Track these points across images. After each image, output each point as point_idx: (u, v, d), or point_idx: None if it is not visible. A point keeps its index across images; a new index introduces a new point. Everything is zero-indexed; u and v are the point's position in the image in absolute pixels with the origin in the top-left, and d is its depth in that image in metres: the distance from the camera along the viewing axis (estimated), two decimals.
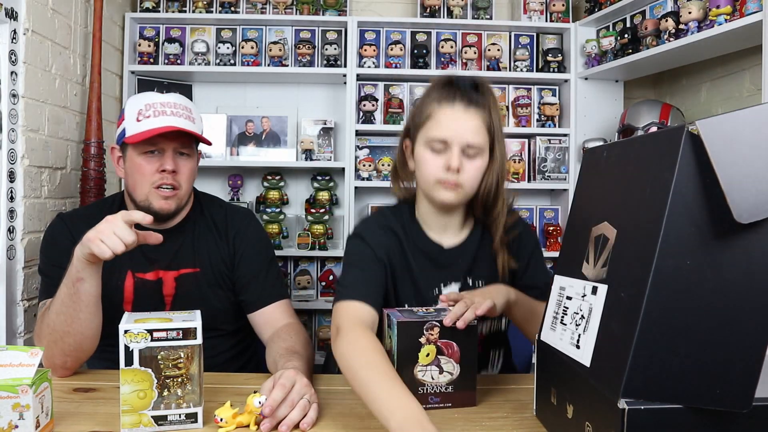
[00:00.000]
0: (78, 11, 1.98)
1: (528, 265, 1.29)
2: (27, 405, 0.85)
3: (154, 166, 1.28)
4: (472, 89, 1.19)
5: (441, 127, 1.16)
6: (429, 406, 1.03)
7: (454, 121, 1.15)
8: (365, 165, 2.57)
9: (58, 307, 1.14)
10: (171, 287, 1.34)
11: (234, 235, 1.40)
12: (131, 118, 1.29)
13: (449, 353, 1.03)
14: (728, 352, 0.68)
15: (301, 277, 2.63)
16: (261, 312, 1.35)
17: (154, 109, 1.28)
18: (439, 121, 1.16)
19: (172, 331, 0.90)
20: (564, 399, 0.84)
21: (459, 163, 1.14)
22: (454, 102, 1.16)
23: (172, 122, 1.27)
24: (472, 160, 1.16)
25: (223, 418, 0.91)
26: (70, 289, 1.12)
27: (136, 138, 1.26)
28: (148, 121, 1.27)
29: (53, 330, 1.14)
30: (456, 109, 1.16)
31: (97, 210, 1.38)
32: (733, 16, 1.80)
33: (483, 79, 1.23)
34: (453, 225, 1.26)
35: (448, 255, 1.26)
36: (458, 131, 1.15)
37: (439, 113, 1.16)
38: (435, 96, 1.19)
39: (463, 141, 1.15)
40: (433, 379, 1.03)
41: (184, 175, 1.32)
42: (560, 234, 2.62)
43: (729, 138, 0.66)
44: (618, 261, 0.76)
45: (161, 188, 1.29)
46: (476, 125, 1.16)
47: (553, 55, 2.60)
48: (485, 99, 1.18)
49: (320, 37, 2.63)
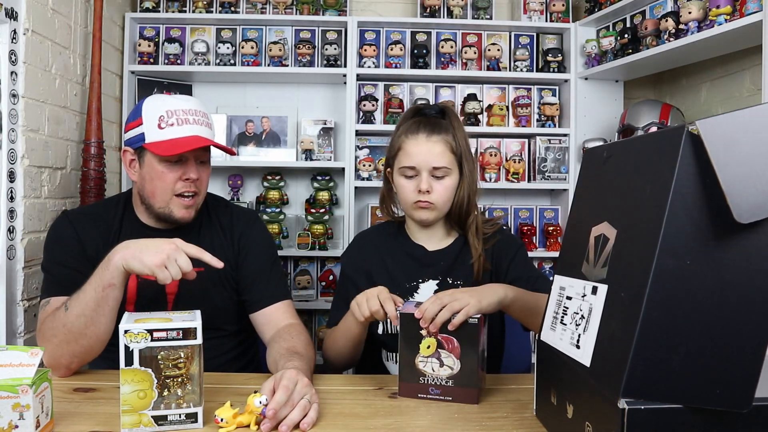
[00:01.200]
0: (78, 11, 1.98)
1: (510, 266, 1.39)
2: (27, 405, 0.85)
3: (177, 174, 1.28)
4: (436, 116, 1.37)
5: (409, 156, 1.33)
6: (429, 396, 1.07)
7: (419, 149, 1.32)
8: (365, 165, 2.57)
9: (79, 310, 1.12)
10: (174, 285, 1.33)
11: (239, 235, 1.41)
12: (151, 124, 1.26)
13: (449, 348, 1.05)
14: (728, 352, 0.68)
15: (301, 277, 2.63)
16: (263, 312, 1.35)
17: (177, 117, 1.26)
18: (407, 152, 1.33)
19: (172, 331, 0.90)
20: (564, 399, 0.84)
21: (428, 185, 1.31)
22: (417, 132, 1.33)
23: (196, 131, 1.27)
24: (441, 180, 1.33)
25: (224, 418, 0.91)
26: (98, 293, 1.11)
27: (165, 150, 1.24)
28: (172, 129, 1.26)
29: (69, 331, 1.13)
30: (420, 139, 1.32)
31: (102, 209, 1.38)
32: (733, 16, 1.80)
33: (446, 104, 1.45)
34: (437, 235, 1.43)
35: (430, 256, 1.41)
36: (424, 158, 1.31)
37: (407, 145, 1.33)
38: (403, 129, 1.36)
39: (429, 166, 1.31)
40: (433, 371, 1.06)
41: (203, 182, 1.34)
42: (560, 234, 2.62)
43: (729, 138, 0.66)
44: (618, 261, 0.76)
45: (183, 196, 1.29)
46: (440, 150, 1.32)
47: (553, 55, 2.60)
48: (448, 124, 1.35)
49: (320, 37, 2.63)
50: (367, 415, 1.01)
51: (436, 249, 1.41)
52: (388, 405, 1.05)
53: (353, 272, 1.43)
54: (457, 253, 1.41)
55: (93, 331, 1.13)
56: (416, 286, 1.38)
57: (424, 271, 1.39)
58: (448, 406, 1.05)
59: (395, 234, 1.46)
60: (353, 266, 1.44)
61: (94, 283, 1.12)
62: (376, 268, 1.42)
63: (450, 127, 1.35)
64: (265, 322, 1.35)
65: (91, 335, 1.13)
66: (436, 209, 1.34)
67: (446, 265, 1.39)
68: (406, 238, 1.44)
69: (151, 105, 1.29)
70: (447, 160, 1.32)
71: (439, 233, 1.42)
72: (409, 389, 1.09)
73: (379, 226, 1.52)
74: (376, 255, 1.43)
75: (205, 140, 1.28)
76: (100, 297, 1.11)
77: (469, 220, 1.38)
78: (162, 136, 1.25)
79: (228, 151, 1.38)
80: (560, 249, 1.00)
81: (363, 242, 1.49)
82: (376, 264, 1.42)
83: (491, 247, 1.40)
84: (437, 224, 1.41)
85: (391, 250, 1.43)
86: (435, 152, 1.31)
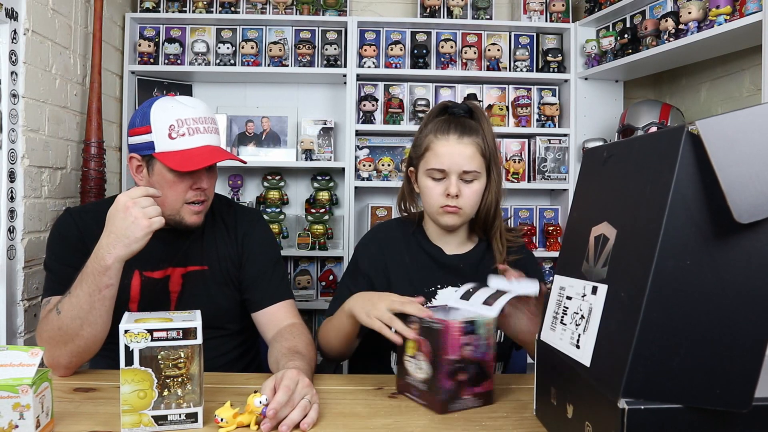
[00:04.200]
0: (78, 11, 1.98)
1: None
2: (27, 405, 0.85)
3: (188, 184, 1.27)
4: (465, 116, 1.30)
5: (438, 159, 1.27)
6: (408, 395, 1.08)
7: (450, 151, 1.26)
8: (365, 165, 2.57)
9: (74, 313, 1.12)
10: (177, 284, 1.34)
11: (243, 234, 1.41)
12: (161, 133, 1.24)
13: (424, 351, 1.03)
14: (728, 352, 0.68)
15: (301, 277, 2.63)
16: (265, 311, 1.36)
17: (188, 126, 1.24)
18: (436, 153, 1.27)
19: (172, 331, 0.90)
20: (564, 399, 0.84)
21: (457, 189, 1.25)
22: (448, 133, 1.27)
23: (207, 141, 1.26)
24: (470, 184, 1.27)
25: (224, 418, 0.91)
26: (94, 295, 1.11)
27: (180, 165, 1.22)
28: (183, 140, 1.24)
29: (65, 333, 1.12)
30: (450, 140, 1.26)
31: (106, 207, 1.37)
32: (733, 16, 1.80)
33: (475, 104, 1.35)
34: (456, 239, 1.38)
35: (449, 259, 1.36)
36: (454, 160, 1.26)
37: (436, 145, 1.27)
38: (431, 128, 1.30)
39: (459, 169, 1.26)
40: (413, 373, 1.06)
41: (212, 188, 1.34)
42: (560, 234, 2.62)
43: (729, 138, 0.66)
44: (618, 261, 0.76)
45: (193, 204, 1.29)
46: (471, 152, 1.26)
47: (553, 55, 2.60)
48: (478, 125, 1.29)
49: (320, 37, 2.63)
50: (366, 415, 1.01)
51: (454, 253, 1.37)
52: (388, 405, 1.05)
53: (369, 265, 1.36)
54: (478, 260, 1.36)
55: (89, 332, 1.13)
56: (434, 292, 1.33)
57: (442, 276, 1.34)
58: None
59: (413, 232, 1.40)
60: (369, 259, 1.37)
61: (87, 286, 1.11)
62: (394, 264, 1.36)
63: (479, 128, 1.28)
64: (266, 322, 1.35)
65: (88, 335, 1.13)
66: (463, 214, 1.29)
67: (468, 272, 1.33)
68: (424, 236, 1.39)
69: (160, 112, 1.25)
70: (477, 163, 1.26)
71: (459, 238, 1.37)
72: (401, 385, 1.10)
73: (398, 220, 1.45)
74: (395, 250, 1.37)
75: (219, 154, 1.26)
76: (96, 299, 1.11)
77: (495, 225, 1.34)
78: (173, 146, 1.24)
79: (240, 161, 1.41)
80: (560, 249, 1.00)
81: (381, 235, 1.41)
82: (394, 259, 1.36)
83: (513, 262, 1.32)
84: (459, 230, 1.36)
85: (410, 247, 1.37)
86: (466, 155, 1.25)
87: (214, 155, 1.25)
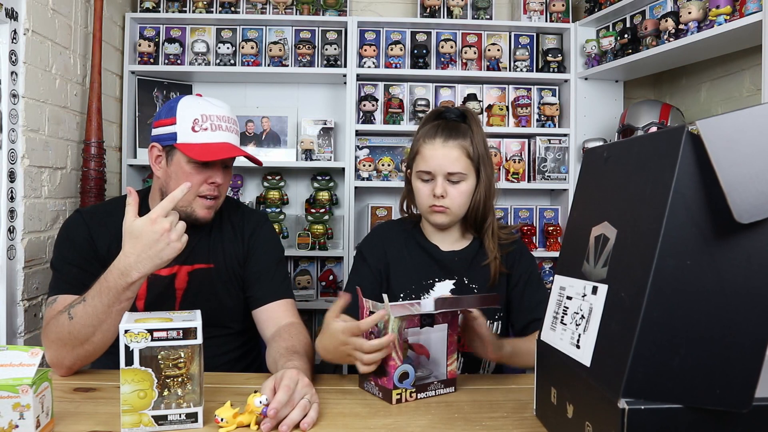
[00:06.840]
0: (78, 11, 1.98)
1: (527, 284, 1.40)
2: (27, 405, 0.85)
3: (203, 177, 1.31)
4: (456, 119, 1.37)
5: (425, 161, 1.34)
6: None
7: (435, 154, 1.33)
8: (365, 165, 2.57)
9: (87, 320, 1.11)
10: (183, 281, 1.36)
11: (249, 234, 1.44)
12: (185, 125, 1.29)
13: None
14: (728, 352, 0.68)
15: (301, 277, 2.63)
16: (265, 308, 1.37)
17: (211, 122, 1.31)
18: (423, 156, 1.35)
19: (172, 331, 0.90)
20: (564, 399, 0.84)
21: (443, 190, 1.32)
22: (435, 137, 1.34)
23: (227, 138, 1.32)
24: (457, 185, 1.33)
25: (224, 418, 0.91)
26: (113, 306, 1.10)
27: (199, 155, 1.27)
28: (206, 134, 1.29)
29: (75, 338, 1.12)
30: (436, 144, 1.33)
31: (117, 206, 1.37)
32: (733, 16, 1.81)
33: (468, 108, 1.42)
34: (451, 237, 1.44)
35: (444, 255, 1.42)
36: (439, 162, 1.32)
37: (424, 149, 1.35)
38: (422, 133, 1.37)
39: (444, 171, 1.32)
40: None
41: (226, 185, 1.37)
42: (560, 234, 2.62)
43: (729, 138, 0.66)
44: (618, 261, 0.76)
45: (206, 198, 1.32)
46: (456, 155, 1.32)
47: (553, 55, 2.60)
48: (467, 128, 1.35)
49: (320, 37, 2.63)
50: (367, 415, 1.01)
51: (449, 250, 1.42)
52: (388, 405, 1.05)
53: (375, 261, 1.42)
54: (473, 255, 1.42)
55: (100, 338, 1.13)
56: (432, 284, 1.40)
57: (438, 270, 1.40)
58: (448, 406, 1.05)
59: (411, 230, 1.47)
60: (374, 254, 1.43)
61: (107, 298, 1.10)
62: (395, 260, 1.42)
63: (468, 131, 1.35)
64: (266, 319, 1.36)
65: (98, 341, 1.13)
66: (451, 214, 1.35)
67: (463, 267, 1.40)
68: (421, 234, 1.45)
69: (186, 106, 1.31)
70: (462, 165, 1.32)
71: (454, 235, 1.43)
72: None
73: (398, 220, 1.53)
74: (396, 247, 1.44)
75: (236, 150, 1.32)
76: (114, 311, 1.10)
77: (486, 223, 1.40)
78: (195, 139, 1.29)
79: (256, 161, 1.43)
80: (560, 249, 1.00)
81: (383, 233, 1.49)
82: (395, 255, 1.43)
83: (506, 254, 1.41)
84: (453, 227, 1.42)
85: (409, 244, 1.44)
86: (451, 157, 1.32)
87: (233, 151, 1.31)
